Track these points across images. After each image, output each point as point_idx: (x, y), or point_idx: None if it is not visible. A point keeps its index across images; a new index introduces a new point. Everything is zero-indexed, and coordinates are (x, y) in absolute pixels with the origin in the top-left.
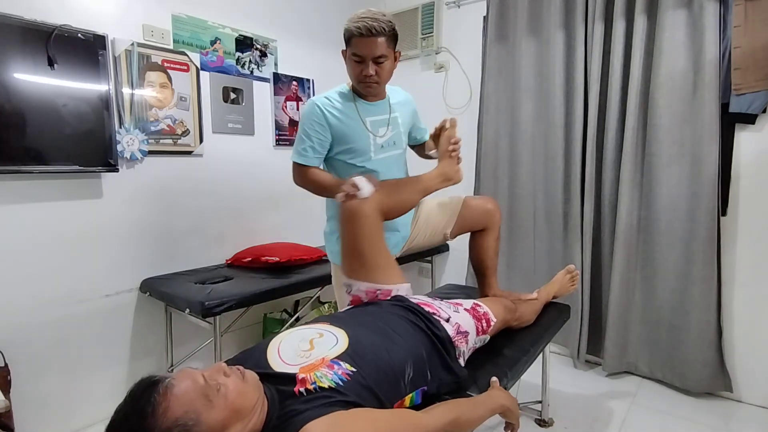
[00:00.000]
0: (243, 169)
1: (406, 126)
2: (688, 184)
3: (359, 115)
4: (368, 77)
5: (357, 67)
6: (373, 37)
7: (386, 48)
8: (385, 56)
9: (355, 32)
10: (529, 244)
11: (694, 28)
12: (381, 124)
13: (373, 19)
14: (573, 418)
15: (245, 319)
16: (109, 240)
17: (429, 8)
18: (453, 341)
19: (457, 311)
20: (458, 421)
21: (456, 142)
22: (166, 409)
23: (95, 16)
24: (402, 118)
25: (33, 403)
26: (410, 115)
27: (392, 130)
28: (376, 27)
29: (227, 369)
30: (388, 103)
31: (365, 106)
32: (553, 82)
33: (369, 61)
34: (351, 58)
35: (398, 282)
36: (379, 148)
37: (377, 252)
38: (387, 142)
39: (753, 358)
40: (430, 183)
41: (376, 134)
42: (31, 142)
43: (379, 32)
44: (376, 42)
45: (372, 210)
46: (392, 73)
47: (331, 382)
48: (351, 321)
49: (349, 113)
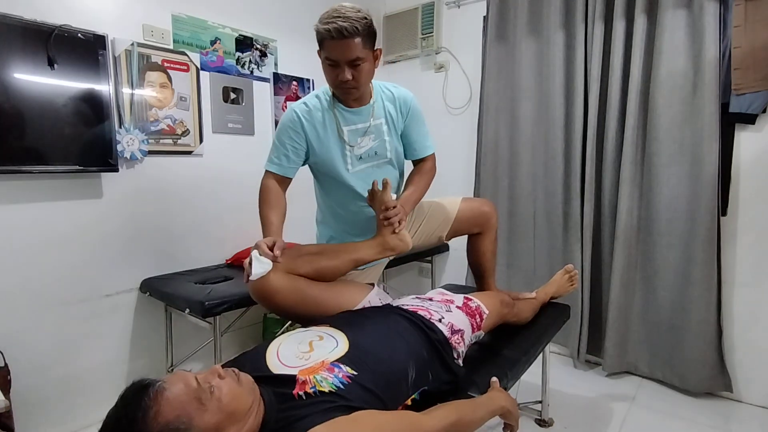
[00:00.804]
0: (243, 169)
1: (394, 133)
2: (688, 184)
3: (337, 124)
4: (345, 83)
5: (332, 71)
6: (346, 39)
7: (362, 49)
8: (361, 58)
9: (326, 35)
10: (529, 244)
11: (694, 28)
12: (359, 134)
13: (345, 18)
14: (573, 418)
15: (245, 319)
16: (109, 240)
17: (429, 8)
18: (450, 342)
19: (449, 310)
20: (459, 423)
21: (388, 208)
22: (157, 413)
23: (95, 16)
24: (388, 124)
25: (33, 403)
26: (401, 118)
27: (374, 139)
28: (348, 28)
29: (222, 371)
30: (372, 109)
31: (344, 114)
32: (553, 82)
33: (344, 65)
34: (325, 61)
35: (362, 297)
36: (357, 160)
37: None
38: (367, 153)
39: (753, 358)
40: (365, 254)
41: (353, 145)
42: (31, 142)
43: (352, 33)
44: (350, 44)
45: (281, 283)
46: (372, 74)
47: (332, 386)
48: (351, 324)
49: (325, 122)
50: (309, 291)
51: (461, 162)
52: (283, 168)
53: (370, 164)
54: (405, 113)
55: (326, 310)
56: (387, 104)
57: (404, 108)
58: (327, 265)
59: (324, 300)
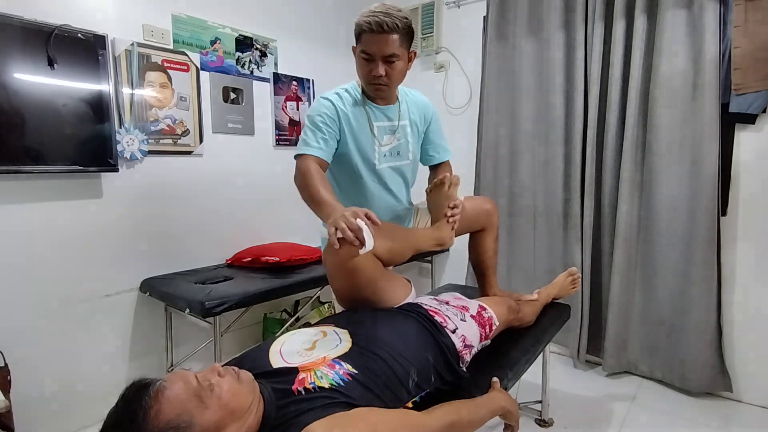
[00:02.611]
0: (243, 169)
1: (416, 136)
2: (688, 184)
3: (368, 118)
4: (377, 78)
5: (366, 65)
6: (385, 33)
7: (399, 46)
8: (396, 55)
9: (365, 27)
10: (529, 244)
11: (694, 28)
12: (386, 131)
13: (386, 14)
14: (573, 418)
15: (245, 319)
16: (109, 240)
17: (429, 8)
18: (459, 353)
19: (464, 320)
20: (459, 422)
21: (456, 206)
22: (158, 412)
23: (95, 16)
24: (412, 126)
25: (33, 403)
26: (424, 124)
27: (398, 139)
28: (388, 23)
29: (221, 369)
30: (398, 109)
31: (374, 110)
32: (553, 82)
33: (379, 59)
34: (360, 55)
35: (402, 298)
36: (382, 157)
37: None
38: (390, 151)
39: (753, 358)
40: (423, 244)
41: (381, 142)
42: (31, 142)
43: (392, 29)
44: (388, 39)
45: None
46: (405, 74)
47: (332, 382)
48: (355, 323)
49: (358, 114)
50: (380, 277)
51: (461, 162)
52: (324, 152)
53: (391, 164)
54: (429, 119)
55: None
56: (412, 108)
57: (428, 113)
58: (396, 249)
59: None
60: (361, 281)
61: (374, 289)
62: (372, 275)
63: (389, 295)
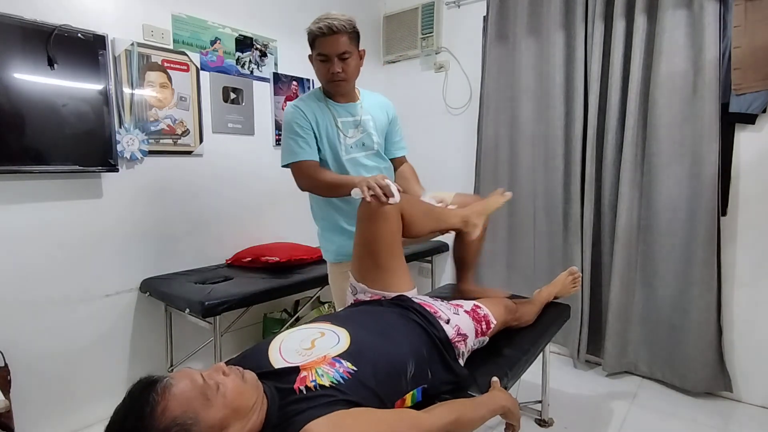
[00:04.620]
0: (243, 169)
1: (379, 131)
2: (688, 184)
3: (332, 115)
4: (335, 74)
5: (323, 66)
6: (335, 34)
7: (349, 45)
8: (349, 52)
9: (318, 33)
10: (529, 244)
11: (694, 28)
12: (350, 126)
13: (333, 18)
14: (573, 418)
15: (245, 319)
16: (109, 240)
17: (429, 8)
18: (452, 342)
19: (457, 313)
20: (459, 421)
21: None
22: (165, 408)
23: (95, 16)
24: (375, 121)
25: (33, 403)
26: (387, 120)
27: (361, 132)
28: (336, 25)
29: (226, 368)
30: (360, 106)
31: (336, 108)
32: (553, 82)
33: (334, 58)
34: (317, 58)
35: (405, 289)
36: (348, 149)
37: (392, 255)
38: (356, 143)
39: (753, 358)
40: (451, 222)
41: (346, 135)
42: (30, 142)
43: (340, 30)
44: (339, 39)
45: (396, 214)
46: (359, 70)
47: (332, 380)
48: (352, 320)
49: (323, 112)
50: (395, 238)
51: (461, 162)
52: (310, 153)
53: (356, 155)
54: (390, 117)
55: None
56: (373, 105)
57: (390, 112)
58: (419, 216)
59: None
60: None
61: (390, 253)
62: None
63: (398, 272)
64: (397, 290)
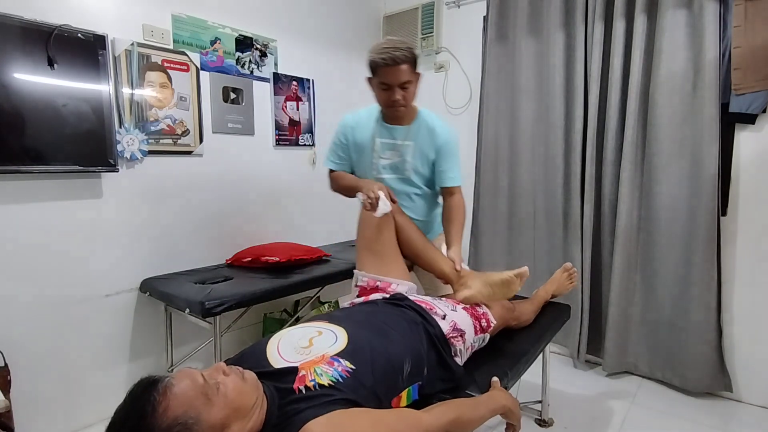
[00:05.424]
0: (243, 169)
1: (419, 157)
2: (688, 184)
3: (373, 134)
4: (396, 102)
5: (384, 94)
6: (398, 65)
7: (410, 74)
8: (410, 81)
9: (381, 63)
10: (529, 244)
11: (694, 28)
12: (388, 147)
13: (395, 48)
14: (573, 418)
15: (245, 319)
16: (109, 240)
17: (429, 8)
18: (447, 338)
19: (454, 310)
20: (459, 420)
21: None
22: (166, 408)
23: (95, 16)
24: (416, 148)
25: (33, 403)
26: (431, 149)
27: (398, 156)
28: (399, 57)
29: (227, 368)
30: (407, 130)
31: (381, 127)
32: (553, 82)
33: (396, 87)
34: (378, 86)
35: (400, 278)
36: (380, 169)
37: (384, 243)
38: (389, 165)
39: (753, 358)
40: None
41: (381, 155)
42: (31, 142)
43: (403, 60)
44: (401, 70)
45: (389, 224)
46: (416, 94)
47: (331, 378)
48: (349, 319)
49: (367, 131)
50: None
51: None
52: (338, 165)
53: (387, 176)
54: (438, 145)
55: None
56: (423, 132)
57: (438, 141)
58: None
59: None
60: (378, 222)
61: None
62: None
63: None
64: (390, 276)
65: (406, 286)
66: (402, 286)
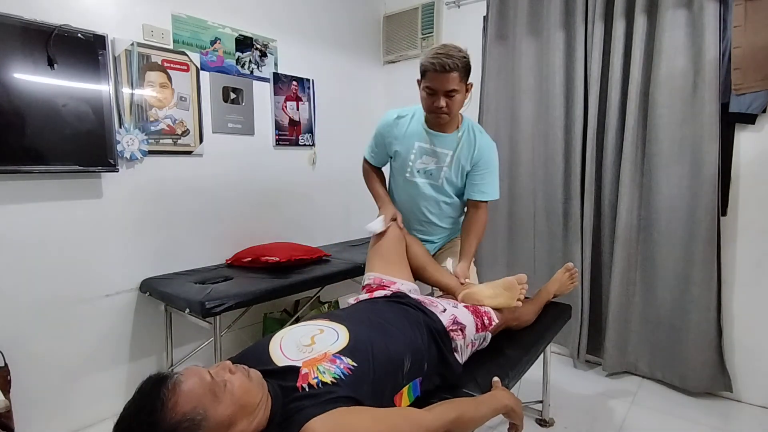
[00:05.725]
0: (243, 169)
1: (454, 168)
2: (688, 184)
3: (414, 135)
4: (439, 108)
5: (429, 99)
6: (447, 72)
7: (458, 83)
8: (456, 90)
9: (430, 67)
10: (529, 244)
11: (694, 28)
12: (426, 152)
13: (448, 55)
14: (573, 418)
15: (245, 319)
16: (109, 240)
17: (429, 8)
18: (447, 331)
19: (455, 307)
20: (461, 419)
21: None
22: (175, 404)
23: (95, 16)
24: (454, 159)
25: (33, 403)
26: (469, 163)
27: (435, 163)
28: (449, 64)
29: (233, 367)
30: (449, 140)
31: (423, 131)
32: (553, 82)
33: (441, 94)
34: (424, 89)
35: (404, 278)
36: (415, 172)
37: (393, 252)
38: (423, 171)
39: (753, 358)
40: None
41: (418, 158)
42: (31, 142)
43: (453, 68)
44: (449, 77)
45: (396, 231)
46: (462, 104)
47: (334, 376)
48: (349, 317)
49: (409, 131)
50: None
51: None
52: (374, 159)
53: (420, 180)
54: (476, 159)
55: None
56: (464, 143)
57: (477, 155)
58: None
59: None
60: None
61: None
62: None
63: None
64: (394, 277)
65: (410, 286)
66: (405, 285)
